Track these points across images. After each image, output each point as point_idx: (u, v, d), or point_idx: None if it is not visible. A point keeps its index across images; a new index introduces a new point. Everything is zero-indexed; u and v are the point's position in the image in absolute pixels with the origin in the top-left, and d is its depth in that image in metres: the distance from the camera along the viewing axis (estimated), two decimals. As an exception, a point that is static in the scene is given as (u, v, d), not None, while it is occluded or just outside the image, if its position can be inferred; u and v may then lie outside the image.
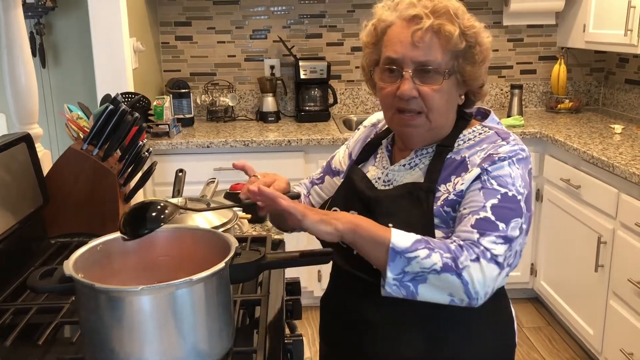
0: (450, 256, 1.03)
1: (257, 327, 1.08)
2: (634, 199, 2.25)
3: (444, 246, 1.04)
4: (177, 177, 1.56)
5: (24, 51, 1.67)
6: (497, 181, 1.09)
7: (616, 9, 2.90)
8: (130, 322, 0.85)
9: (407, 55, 1.12)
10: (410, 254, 1.02)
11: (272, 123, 3.40)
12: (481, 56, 1.15)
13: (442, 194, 1.14)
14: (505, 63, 3.70)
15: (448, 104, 1.17)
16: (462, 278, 1.02)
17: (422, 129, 1.17)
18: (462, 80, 1.16)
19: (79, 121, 1.62)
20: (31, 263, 1.34)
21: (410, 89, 1.12)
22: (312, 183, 1.42)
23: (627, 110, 3.47)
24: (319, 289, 3.19)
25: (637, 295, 2.23)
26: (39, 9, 3.28)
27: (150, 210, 0.99)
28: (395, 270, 1.03)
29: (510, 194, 1.08)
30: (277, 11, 3.57)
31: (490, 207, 1.07)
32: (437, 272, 1.02)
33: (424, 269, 1.02)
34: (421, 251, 1.02)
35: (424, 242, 1.04)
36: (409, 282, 1.03)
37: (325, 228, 1.05)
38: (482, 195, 1.09)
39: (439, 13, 1.12)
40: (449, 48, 1.12)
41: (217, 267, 0.89)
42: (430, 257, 1.02)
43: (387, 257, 1.02)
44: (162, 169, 2.92)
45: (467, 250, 1.03)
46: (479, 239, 1.05)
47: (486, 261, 1.03)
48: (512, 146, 1.13)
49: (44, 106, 3.51)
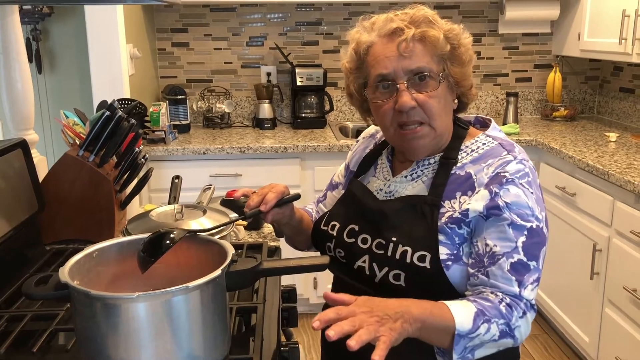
0: (504, 321, 1.05)
1: (253, 334, 1.07)
2: (629, 207, 2.26)
3: (497, 312, 1.05)
4: (173, 184, 1.55)
5: (20, 57, 1.67)
6: (520, 217, 1.09)
7: (610, 17, 2.92)
8: (126, 330, 0.85)
9: (397, 67, 1.12)
10: (473, 334, 1.04)
11: (269, 130, 3.40)
12: (467, 56, 1.16)
13: (447, 210, 1.13)
14: (501, 71, 3.72)
15: (445, 109, 1.17)
16: (514, 338, 1.07)
17: (427, 139, 1.16)
18: (454, 82, 1.17)
19: (75, 127, 1.62)
20: (26, 269, 1.33)
21: (409, 100, 1.12)
22: (318, 202, 1.45)
23: (622, 119, 3.49)
24: (314, 296, 3.18)
25: (632, 303, 2.24)
26: (35, 15, 3.28)
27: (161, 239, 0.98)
28: (459, 350, 1.04)
29: (535, 225, 1.09)
30: (274, 18, 3.58)
31: (521, 248, 1.08)
32: (496, 340, 1.06)
33: (484, 341, 1.05)
34: (482, 328, 1.04)
35: (481, 315, 1.04)
36: (469, 354, 1.06)
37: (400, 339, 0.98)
38: (511, 233, 1.08)
39: (418, 22, 1.13)
40: (435, 53, 1.13)
41: (213, 275, 0.89)
42: (490, 330, 1.04)
43: (452, 342, 1.03)
44: (158, 176, 2.92)
45: (515, 309, 1.06)
46: (521, 293, 1.07)
47: (529, 312, 1.08)
48: (519, 163, 1.12)
49: (40, 112, 3.50)
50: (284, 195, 1.20)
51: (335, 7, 3.57)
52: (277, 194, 1.18)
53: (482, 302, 1.06)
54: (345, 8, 3.57)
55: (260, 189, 1.21)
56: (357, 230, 1.21)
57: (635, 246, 2.23)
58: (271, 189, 1.19)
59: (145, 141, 2.93)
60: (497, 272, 1.08)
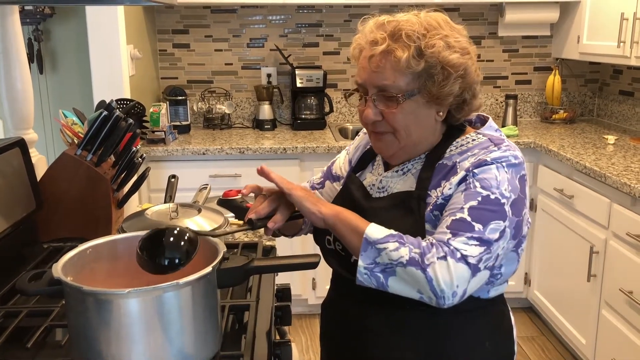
0: (419, 251, 1.04)
1: (245, 332, 1.08)
2: (626, 209, 2.27)
3: (415, 242, 1.06)
4: (169, 183, 1.57)
5: (20, 56, 1.69)
6: (480, 183, 1.09)
7: (610, 20, 2.93)
8: (118, 325, 0.86)
9: (367, 80, 1.16)
10: (381, 245, 1.05)
11: (268, 131, 3.42)
12: (441, 76, 1.11)
13: (433, 199, 1.14)
14: (501, 73, 3.73)
15: (417, 123, 1.16)
16: (426, 273, 1.02)
17: (391, 146, 1.19)
18: (433, 98, 1.14)
19: (73, 127, 1.63)
20: (23, 267, 1.35)
21: (371, 114, 1.16)
22: (313, 187, 1.43)
23: (621, 122, 3.49)
24: (313, 297, 3.19)
25: (629, 305, 2.24)
26: (37, 15, 3.30)
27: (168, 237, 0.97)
28: (367, 259, 1.06)
29: (493, 196, 1.08)
30: (275, 20, 3.60)
31: (468, 209, 1.07)
32: (404, 265, 1.03)
33: (392, 260, 1.04)
34: (391, 244, 1.04)
35: (397, 236, 1.06)
36: (379, 273, 1.05)
37: (309, 206, 1.11)
38: (462, 197, 1.09)
39: (396, 36, 1.11)
40: (403, 71, 1.11)
41: (204, 271, 0.90)
42: (399, 250, 1.04)
43: (360, 246, 1.06)
44: (158, 176, 2.93)
45: (437, 248, 1.04)
46: (449, 239, 1.05)
47: (454, 260, 1.02)
48: (504, 152, 1.12)
49: (41, 112, 3.52)
50: (293, 214, 1.19)
51: (336, 9, 3.58)
52: (287, 213, 1.17)
53: (406, 236, 1.08)
54: (345, 10, 3.59)
55: (270, 192, 1.18)
56: None
57: (631, 248, 2.23)
58: (280, 203, 1.17)
59: (144, 141, 2.94)
60: (438, 230, 1.09)
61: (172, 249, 0.95)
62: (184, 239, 0.96)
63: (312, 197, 1.14)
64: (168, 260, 0.95)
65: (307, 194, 1.14)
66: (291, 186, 1.13)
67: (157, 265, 0.94)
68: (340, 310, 1.29)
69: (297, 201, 1.12)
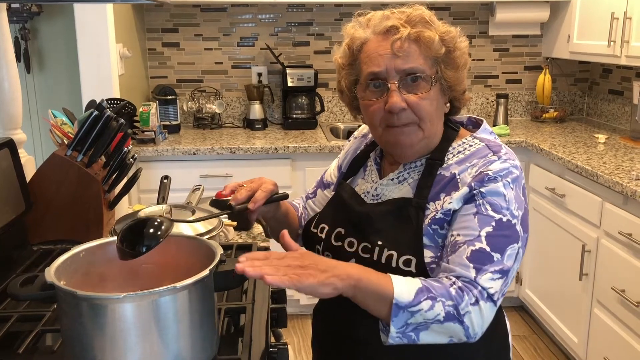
0: (452, 303, 0.99)
1: (241, 335, 1.07)
2: (618, 208, 2.27)
3: (445, 292, 0.99)
4: (162, 184, 1.55)
5: (8, 55, 1.66)
6: (492, 207, 1.06)
7: (600, 20, 2.94)
8: (113, 330, 0.84)
9: (390, 66, 1.09)
10: (414, 308, 0.97)
11: (259, 130, 3.40)
12: (462, 60, 1.14)
13: (431, 212, 1.11)
14: (491, 72, 3.74)
15: (437, 112, 1.15)
16: (463, 324, 0.99)
17: (415, 137, 1.13)
18: (447, 86, 1.15)
19: (63, 127, 1.60)
20: (12, 270, 1.32)
21: (399, 101, 1.09)
22: (307, 198, 1.42)
23: (611, 120, 3.51)
24: (305, 297, 3.18)
25: (621, 304, 2.25)
26: (24, 13, 3.26)
27: (148, 227, 0.95)
28: (399, 324, 0.98)
29: (505, 219, 1.05)
30: (265, 19, 3.58)
31: (485, 237, 1.04)
32: (441, 322, 0.99)
33: (427, 320, 0.99)
34: (424, 303, 0.98)
35: (425, 291, 0.99)
36: (412, 332, 1.00)
37: (324, 290, 0.94)
38: (476, 222, 1.05)
39: (414, 22, 1.11)
40: (429, 55, 1.11)
41: (201, 275, 0.89)
42: (434, 308, 0.98)
43: (390, 312, 0.97)
44: (148, 176, 2.90)
45: (467, 294, 1.00)
46: (477, 278, 1.01)
47: (484, 302, 1.01)
48: (503, 162, 1.09)
49: (29, 112, 3.47)
50: (273, 194, 1.19)
51: (327, 8, 3.57)
52: (266, 192, 1.17)
53: (431, 281, 1.01)
54: (336, 9, 3.57)
55: (249, 183, 1.19)
56: (344, 233, 1.20)
57: (623, 247, 2.24)
58: (260, 185, 1.18)
59: (134, 141, 2.91)
60: (456, 259, 1.04)
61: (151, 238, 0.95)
62: (161, 227, 0.95)
63: (320, 275, 0.94)
64: (146, 248, 0.93)
65: (314, 277, 0.93)
66: (297, 280, 0.92)
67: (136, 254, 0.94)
68: (329, 316, 1.27)
69: (310, 292, 0.93)
